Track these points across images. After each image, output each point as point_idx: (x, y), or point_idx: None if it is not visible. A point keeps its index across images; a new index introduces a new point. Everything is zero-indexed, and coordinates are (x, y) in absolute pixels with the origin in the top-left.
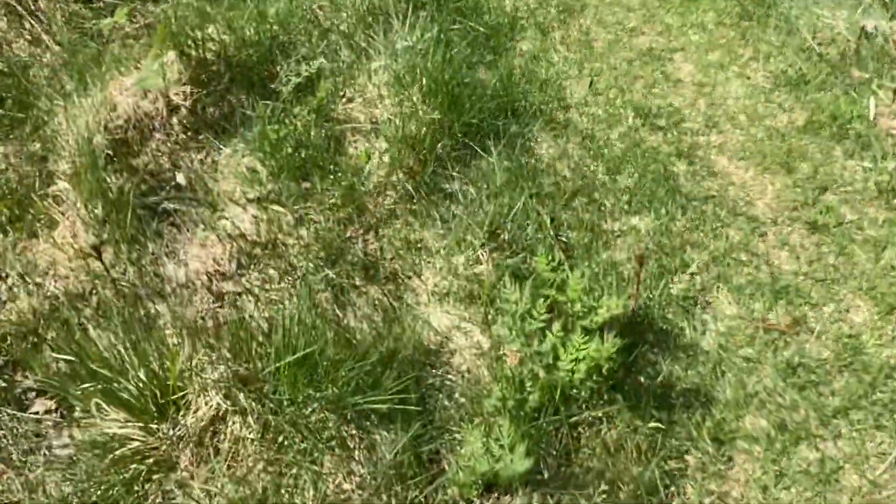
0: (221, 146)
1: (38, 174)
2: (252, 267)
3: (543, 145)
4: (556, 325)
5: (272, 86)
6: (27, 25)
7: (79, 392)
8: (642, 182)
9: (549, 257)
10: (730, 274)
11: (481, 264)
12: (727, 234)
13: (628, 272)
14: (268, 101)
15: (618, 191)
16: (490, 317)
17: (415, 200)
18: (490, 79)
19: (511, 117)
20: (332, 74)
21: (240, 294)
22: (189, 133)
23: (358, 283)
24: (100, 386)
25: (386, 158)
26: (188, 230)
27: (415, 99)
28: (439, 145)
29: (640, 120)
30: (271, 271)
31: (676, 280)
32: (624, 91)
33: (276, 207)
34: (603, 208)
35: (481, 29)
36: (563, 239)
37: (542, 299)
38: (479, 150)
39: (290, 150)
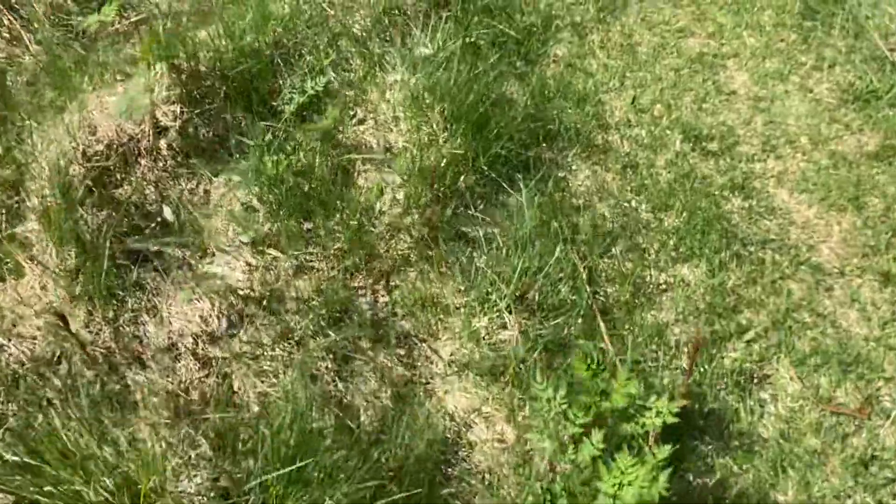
0: (212, 177)
1: (6, 208)
2: (244, 326)
3: (580, 176)
4: (597, 435)
5: (273, 103)
6: (5, 21)
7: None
8: (692, 222)
9: (589, 360)
10: (791, 340)
11: (507, 329)
12: (788, 289)
13: (676, 336)
14: (268, 123)
15: (663, 233)
16: (516, 401)
17: (432, 247)
18: (521, 96)
19: (544, 142)
20: (341, 88)
21: (229, 361)
22: (178, 159)
23: (365, 346)
24: (61, 493)
25: (400, 196)
26: (173, 280)
27: (435, 125)
28: (461, 179)
29: (688, 144)
30: (265, 335)
31: (731, 348)
32: (671, 107)
33: (273, 252)
34: (647, 255)
35: (512, 32)
36: (601, 297)
37: (581, 405)
38: (506, 186)
39: (290, 183)
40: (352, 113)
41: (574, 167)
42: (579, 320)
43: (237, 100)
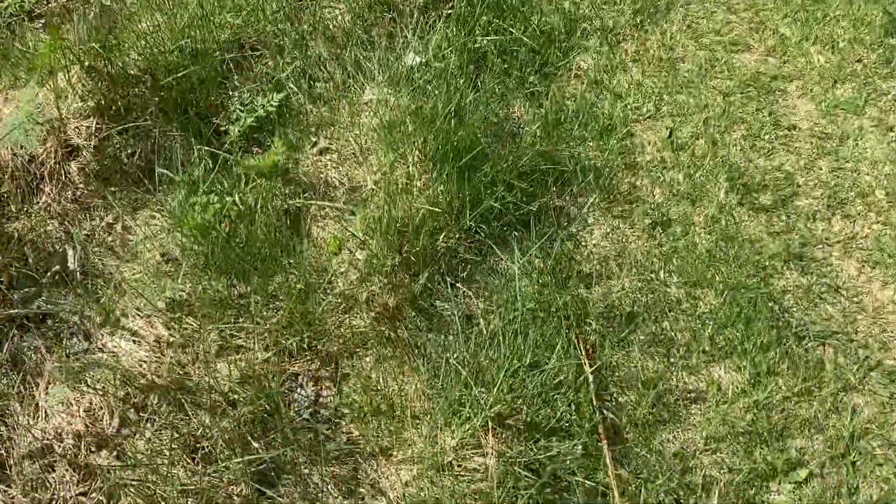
0: (126, 216)
1: None
2: (142, 425)
3: (596, 234)
4: None
5: (217, 121)
6: None
7: None
8: (733, 304)
9: None
10: (855, 482)
11: (483, 456)
12: (853, 406)
13: (705, 469)
14: (208, 147)
15: (697, 319)
16: None
17: (395, 328)
18: (530, 123)
19: (553, 187)
20: (304, 104)
21: (117, 474)
22: (92, 187)
23: (300, 461)
24: None
25: (361, 256)
26: (61, 355)
27: (412, 165)
28: (441, 238)
29: (735, 194)
30: (168, 441)
31: (774, 489)
32: (717, 143)
33: (192, 323)
34: (674, 350)
35: (525, 39)
36: (611, 407)
37: None
38: (496, 250)
39: (222, 232)
40: (313, 139)
41: (590, 221)
42: (579, 448)
43: (172, 115)
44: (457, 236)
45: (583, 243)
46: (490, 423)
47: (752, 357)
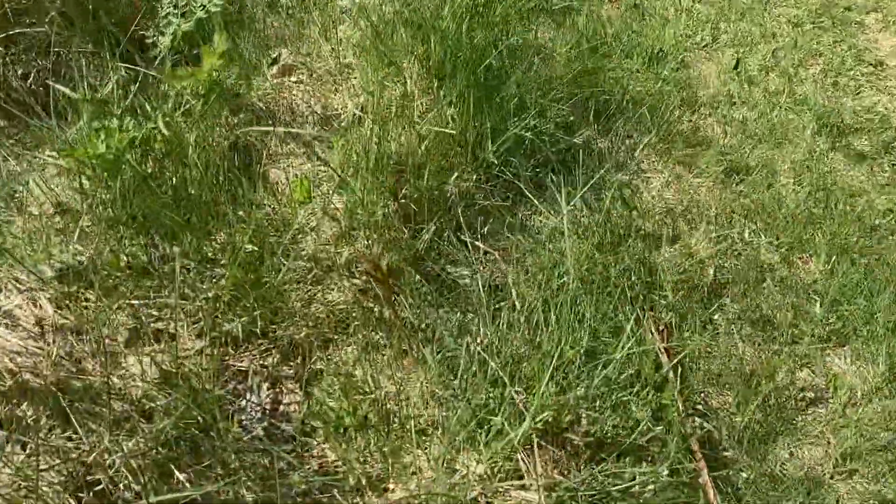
0: (13, 158)
1: None
2: (9, 448)
3: (654, 182)
4: None
5: (144, 33)
6: None
7: None
8: (846, 274)
9: None
10: None
11: (525, 489)
12: None
13: (842, 499)
14: (130, 65)
15: (802, 290)
16: None
17: (391, 301)
18: (561, 45)
19: (595, 123)
20: (264, 13)
21: None
22: None
23: (248, 500)
24: None
25: (340, 203)
26: None
27: (411, 81)
28: (452, 179)
29: (825, 137)
30: (47, 470)
31: None
32: (792, 79)
33: (91, 299)
34: (775, 332)
35: None
36: (699, 409)
37: None
38: (530, 195)
39: (144, 171)
40: (273, 55)
41: (645, 166)
42: (665, 472)
43: (79, 23)
44: (474, 177)
45: (638, 194)
46: (534, 439)
47: (883, 343)
